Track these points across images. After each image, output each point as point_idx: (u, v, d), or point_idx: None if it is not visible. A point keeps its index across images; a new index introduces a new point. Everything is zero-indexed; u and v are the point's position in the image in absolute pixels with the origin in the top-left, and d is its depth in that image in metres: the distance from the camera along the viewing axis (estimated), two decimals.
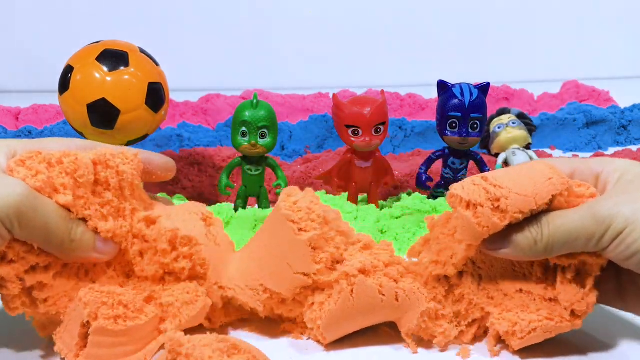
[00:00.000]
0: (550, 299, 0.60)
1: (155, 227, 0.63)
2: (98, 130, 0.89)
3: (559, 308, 0.59)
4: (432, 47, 2.05)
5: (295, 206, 0.62)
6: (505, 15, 2.07)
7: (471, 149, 0.93)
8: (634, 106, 1.44)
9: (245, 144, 0.89)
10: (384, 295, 0.60)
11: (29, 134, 1.28)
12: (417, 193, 0.96)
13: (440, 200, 0.91)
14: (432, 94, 1.52)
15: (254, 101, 0.89)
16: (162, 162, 0.68)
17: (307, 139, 1.30)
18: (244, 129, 0.89)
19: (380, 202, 0.99)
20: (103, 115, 0.87)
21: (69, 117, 0.91)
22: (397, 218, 0.91)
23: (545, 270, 0.61)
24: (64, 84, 0.89)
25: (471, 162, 0.95)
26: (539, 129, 1.35)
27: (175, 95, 1.46)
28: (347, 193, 0.96)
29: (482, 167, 0.93)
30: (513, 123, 1.11)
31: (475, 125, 0.88)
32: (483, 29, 2.07)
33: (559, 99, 1.57)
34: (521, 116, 1.16)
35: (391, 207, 0.94)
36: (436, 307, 0.62)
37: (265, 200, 0.94)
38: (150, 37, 1.51)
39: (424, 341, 0.64)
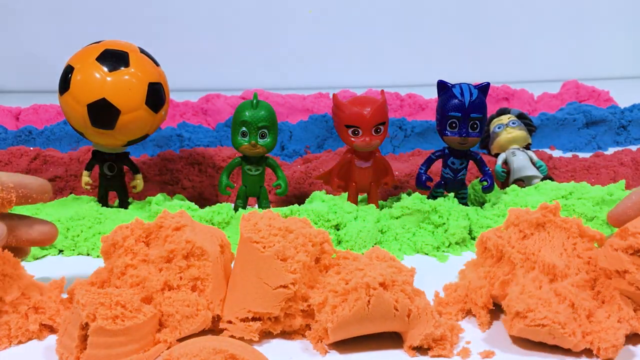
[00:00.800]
0: (573, 305, 0.61)
1: (178, 234, 0.64)
2: (98, 130, 0.89)
3: (577, 317, 0.60)
4: (432, 47, 2.05)
5: (256, 227, 0.65)
6: (505, 15, 2.07)
7: (471, 149, 0.93)
8: (634, 106, 1.44)
9: (245, 144, 0.89)
10: (397, 310, 0.61)
11: (29, 134, 1.27)
12: (417, 193, 0.96)
13: (440, 200, 0.91)
14: (432, 94, 1.52)
15: (254, 101, 0.89)
16: (37, 185, 0.69)
17: (307, 139, 1.30)
18: (244, 129, 0.89)
19: (380, 202, 0.99)
20: (103, 115, 0.87)
21: (69, 117, 0.91)
22: (397, 218, 0.91)
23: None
24: (64, 84, 0.89)
25: (471, 162, 0.95)
26: (539, 129, 1.35)
27: (175, 95, 1.46)
28: (347, 193, 0.96)
29: (482, 167, 0.93)
30: (513, 123, 1.11)
31: (475, 125, 0.88)
32: (483, 29, 2.07)
33: (558, 99, 1.57)
34: (521, 116, 1.16)
35: (391, 207, 0.94)
36: (443, 333, 0.62)
37: (265, 200, 0.94)
38: (150, 37, 1.51)
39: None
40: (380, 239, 0.89)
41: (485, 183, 0.93)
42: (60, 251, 0.91)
